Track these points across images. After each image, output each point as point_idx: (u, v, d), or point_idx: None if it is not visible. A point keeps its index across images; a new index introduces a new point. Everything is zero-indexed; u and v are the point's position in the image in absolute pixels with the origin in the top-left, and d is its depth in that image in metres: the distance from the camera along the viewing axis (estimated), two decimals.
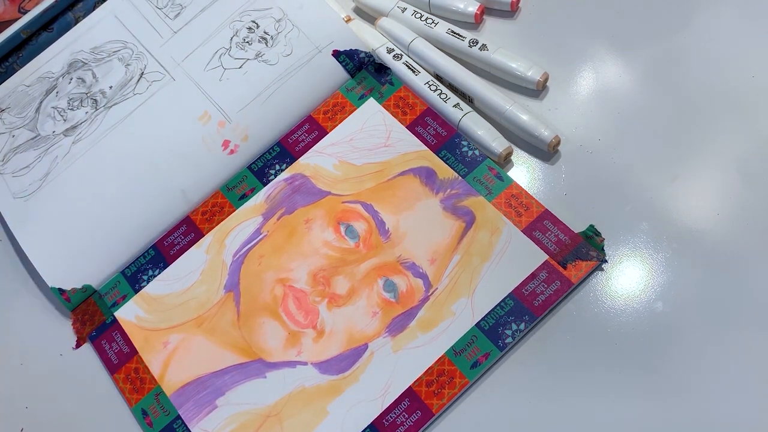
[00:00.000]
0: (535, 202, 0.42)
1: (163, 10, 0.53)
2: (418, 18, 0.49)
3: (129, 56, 0.52)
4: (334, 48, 0.49)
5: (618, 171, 0.43)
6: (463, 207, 0.43)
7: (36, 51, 0.55)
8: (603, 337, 0.39)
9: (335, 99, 0.49)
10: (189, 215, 0.48)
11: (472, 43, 0.47)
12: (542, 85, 0.46)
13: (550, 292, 0.40)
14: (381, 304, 0.42)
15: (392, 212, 0.44)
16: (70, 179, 0.50)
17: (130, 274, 0.47)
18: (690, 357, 0.38)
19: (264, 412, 0.41)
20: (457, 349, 0.40)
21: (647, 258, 0.41)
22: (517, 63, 0.46)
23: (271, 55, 0.50)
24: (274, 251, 0.45)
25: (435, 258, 0.42)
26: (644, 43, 0.47)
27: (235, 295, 0.45)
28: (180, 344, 0.44)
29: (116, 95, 0.51)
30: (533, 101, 0.46)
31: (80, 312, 0.47)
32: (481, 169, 0.44)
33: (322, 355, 0.42)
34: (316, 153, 0.47)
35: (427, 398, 0.39)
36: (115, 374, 0.44)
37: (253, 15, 0.52)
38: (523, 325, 0.40)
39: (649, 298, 0.40)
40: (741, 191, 0.42)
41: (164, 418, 0.42)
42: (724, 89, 0.44)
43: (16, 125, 0.52)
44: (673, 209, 0.42)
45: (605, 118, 0.45)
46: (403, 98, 0.47)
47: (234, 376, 0.42)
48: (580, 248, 0.41)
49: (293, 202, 0.46)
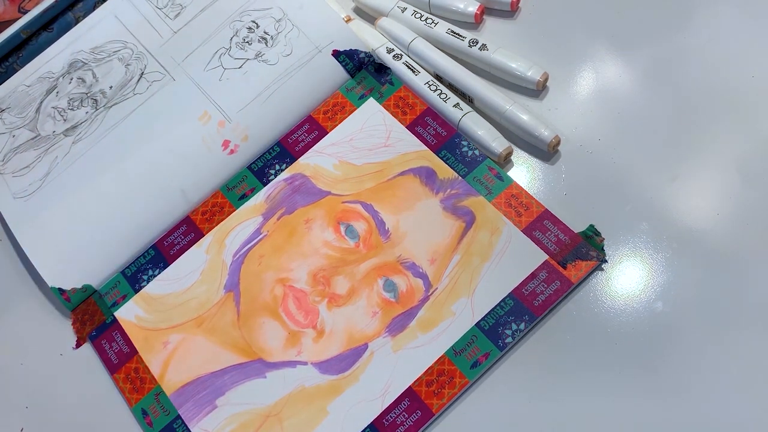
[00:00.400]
0: (535, 202, 0.42)
1: (163, 10, 0.53)
2: (417, 18, 0.49)
3: (129, 56, 0.52)
4: (334, 48, 0.49)
5: (618, 171, 0.43)
6: (463, 207, 0.43)
7: (36, 51, 0.55)
8: (603, 337, 0.39)
9: (335, 99, 0.49)
10: (189, 215, 0.48)
11: (472, 43, 0.47)
12: (542, 85, 0.46)
13: (550, 292, 0.40)
14: (381, 304, 0.42)
15: (392, 212, 0.44)
16: (70, 179, 0.50)
17: (130, 274, 0.47)
18: (690, 357, 0.38)
19: (264, 412, 0.41)
20: (457, 349, 0.40)
21: (647, 258, 0.41)
22: (517, 63, 0.46)
23: (271, 55, 0.50)
24: (274, 251, 0.45)
25: (435, 258, 0.42)
26: (644, 43, 0.47)
27: (235, 295, 0.45)
28: (180, 344, 0.44)
29: (116, 95, 0.51)
30: (533, 101, 0.46)
31: (80, 312, 0.47)
32: (481, 169, 0.44)
33: (322, 355, 0.42)
34: (316, 153, 0.47)
35: (427, 398, 0.39)
36: (115, 374, 0.44)
37: (253, 15, 0.52)
38: (523, 325, 0.40)
39: (649, 298, 0.40)
40: (741, 191, 0.42)
41: (164, 417, 0.42)
42: (724, 89, 0.44)
43: (16, 125, 0.52)
44: (673, 209, 0.42)
45: (605, 118, 0.45)
46: (403, 98, 0.47)
47: (234, 376, 0.42)
48: (580, 248, 0.41)
49: (293, 202, 0.46)
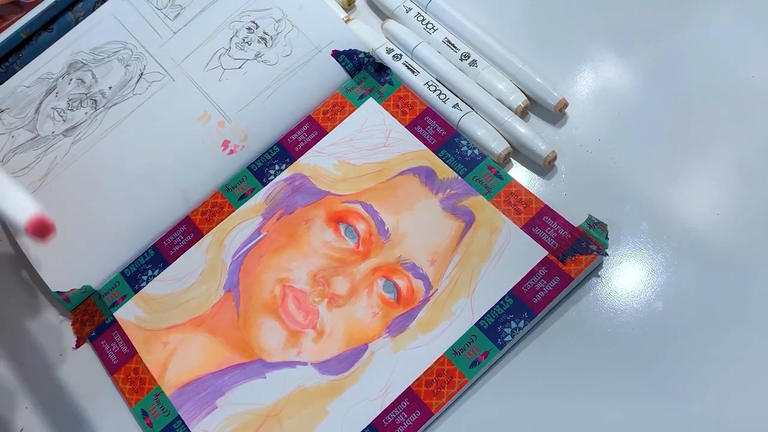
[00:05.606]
0: (534, 199, 0.42)
1: (162, 11, 0.54)
2: (419, 21, 0.49)
3: (128, 57, 0.53)
4: (333, 48, 0.49)
5: (618, 171, 0.43)
6: (462, 207, 0.43)
7: (36, 51, 0.55)
8: (603, 337, 0.39)
9: (335, 99, 0.49)
10: (189, 215, 0.48)
11: (464, 57, 0.47)
12: (522, 111, 0.45)
13: (549, 289, 0.40)
14: (381, 304, 0.42)
15: (392, 212, 0.44)
16: (69, 180, 0.49)
17: (129, 275, 0.47)
18: (690, 357, 0.38)
19: (264, 412, 0.41)
20: (457, 349, 0.40)
21: (647, 258, 0.41)
22: (502, 85, 0.46)
23: (270, 56, 0.50)
24: (273, 251, 0.45)
25: (435, 259, 0.42)
26: (644, 43, 0.47)
27: (234, 295, 0.45)
28: (180, 344, 0.44)
29: (116, 96, 0.51)
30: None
31: (80, 312, 0.47)
32: (481, 168, 0.44)
33: (321, 356, 0.42)
34: (315, 153, 0.47)
35: (426, 398, 0.39)
36: (114, 374, 0.44)
37: (252, 15, 0.52)
38: (523, 322, 0.39)
39: (649, 298, 0.40)
40: (741, 191, 0.41)
41: (164, 418, 0.42)
42: (724, 89, 0.44)
43: (15, 126, 0.52)
44: (673, 209, 0.42)
45: (605, 118, 0.45)
46: (403, 98, 0.47)
47: (234, 376, 0.42)
48: (580, 242, 0.41)
49: (293, 202, 0.46)
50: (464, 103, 0.46)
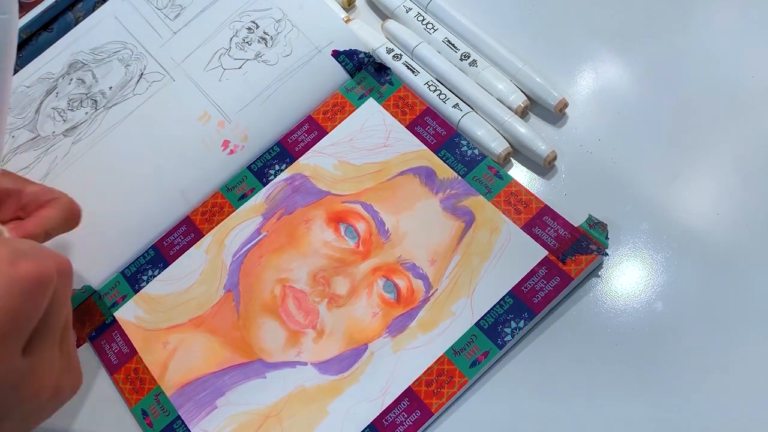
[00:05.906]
0: (534, 199, 0.42)
1: (162, 11, 0.54)
2: (419, 21, 0.49)
3: (129, 57, 0.53)
4: (333, 48, 0.49)
5: (618, 171, 0.43)
6: (462, 207, 0.43)
7: (36, 51, 0.55)
8: (603, 337, 0.39)
9: (335, 99, 0.49)
10: (189, 215, 0.48)
11: (464, 56, 0.47)
12: (522, 111, 0.45)
13: (549, 288, 0.40)
14: (381, 304, 0.42)
15: (392, 212, 0.44)
16: (69, 180, 0.49)
17: (129, 275, 0.47)
18: (690, 357, 0.38)
19: (264, 412, 0.41)
20: (457, 349, 0.40)
21: (647, 258, 0.41)
22: (502, 85, 0.46)
23: (270, 56, 0.50)
24: (273, 251, 0.45)
25: (435, 259, 0.42)
26: (644, 43, 0.47)
27: (234, 295, 0.45)
28: (180, 344, 0.44)
29: (116, 96, 0.51)
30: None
31: (80, 312, 0.47)
32: (481, 168, 0.44)
33: (322, 356, 0.42)
34: (315, 153, 0.47)
35: (426, 398, 0.39)
36: (114, 374, 0.44)
37: (252, 15, 0.52)
38: (523, 322, 0.39)
39: (649, 298, 0.40)
40: (741, 191, 0.41)
41: (164, 418, 0.42)
42: (724, 89, 0.44)
43: (16, 126, 0.52)
44: (673, 209, 0.42)
45: (605, 118, 0.45)
46: (403, 98, 0.47)
47: (234, 376, 0.42)
48: (580, 242, 0.41)
49: (293, 203, 0.46)
50: (464, 103, 0.46)
